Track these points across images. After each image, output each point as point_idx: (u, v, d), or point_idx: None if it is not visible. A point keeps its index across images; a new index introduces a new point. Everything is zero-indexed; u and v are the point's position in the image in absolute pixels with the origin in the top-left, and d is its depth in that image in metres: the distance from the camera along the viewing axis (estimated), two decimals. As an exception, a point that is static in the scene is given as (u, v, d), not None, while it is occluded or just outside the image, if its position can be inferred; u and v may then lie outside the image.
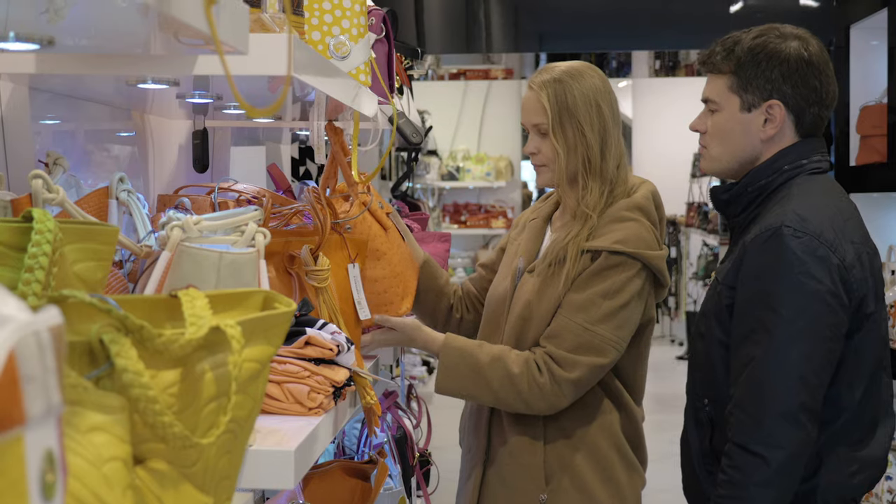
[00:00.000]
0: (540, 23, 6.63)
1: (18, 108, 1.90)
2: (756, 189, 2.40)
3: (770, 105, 2.38)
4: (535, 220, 2.83)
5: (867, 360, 2.30)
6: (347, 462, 2.70)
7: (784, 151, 2.39)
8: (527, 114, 2.66)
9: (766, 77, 2.37)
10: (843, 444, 2.30)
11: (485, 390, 2.58)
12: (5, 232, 1.00)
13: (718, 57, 2.43)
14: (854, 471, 2.30)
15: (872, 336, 2.30)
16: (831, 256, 2.23)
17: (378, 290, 2.49)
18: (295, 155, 3.96)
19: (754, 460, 2.21)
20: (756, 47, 2.38)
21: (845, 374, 2.28)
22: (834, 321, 2.23)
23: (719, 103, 2.43)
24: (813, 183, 2.38)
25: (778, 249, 2.24)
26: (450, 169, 11.61)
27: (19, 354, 0.59)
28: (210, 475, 0.95)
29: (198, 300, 0.95)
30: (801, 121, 2.40)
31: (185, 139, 2.82)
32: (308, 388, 1.76)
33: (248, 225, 1.66)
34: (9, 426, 0.57)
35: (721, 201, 2.48)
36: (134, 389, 0.82)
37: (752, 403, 2.24)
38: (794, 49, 2.36)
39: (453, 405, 3.10)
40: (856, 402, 2.30)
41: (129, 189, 1.90)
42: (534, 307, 2.61)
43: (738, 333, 2.30)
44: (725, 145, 2.44)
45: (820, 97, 2.38)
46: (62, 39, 1.46)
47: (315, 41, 2.23)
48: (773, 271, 2.25)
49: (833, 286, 2.22)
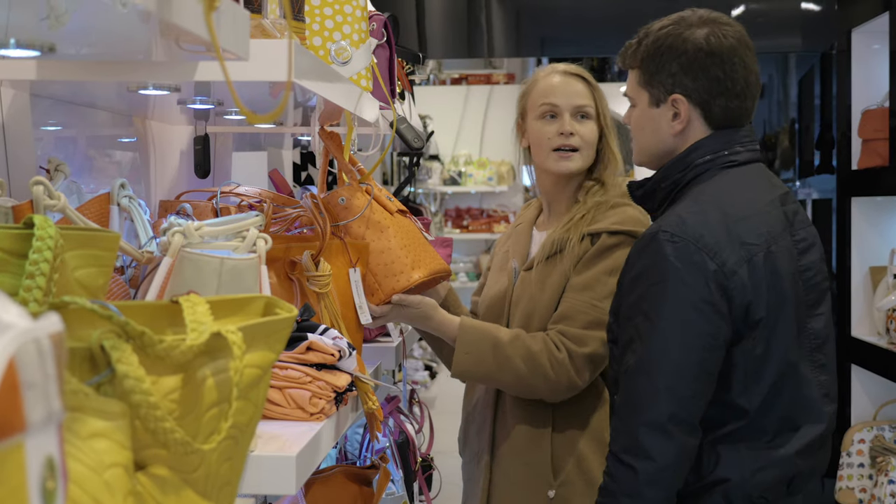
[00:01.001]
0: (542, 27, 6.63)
1: (20, 114, 1.90)
2: (669, 184, 2.32)
3: (674, 99, 2.30)
4: (521, 226, 2.91)
5: (767, 365, 2.19)
6: (349, 467, 2.69)
7: (695, 145, 2.30)
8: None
9: (667, 71, 2.30)
10: (745, 443, 2.21)
11: (506, 368, 2.59)
12: (6, 238, 1.00)
13: (629, 51, 2.39)
14: (756, 468, 2.21)
15: (770, 341, 2.19)
16: (707, 262, 2.13)
17: (385, 261, 2.47)
18: (297, 160, 3.96)
19: (625, 470, 2.15)
20: (658, 39, 2.32)
21: (738, 381, 2.19)
22: (708, 330, 2.14)
23: (634, 98, 2.39)
24: (723, 177, 2.28)
25: (653, 254, 2.17)
26: (451, 174, 11.60)
27: (20, 361, 0.59)
28: (211, 481, 0.95)
29: (199, 306, 0.95)
30: (709, 113, 2.30)
31: (187, 145, 2.83)
32: (310, 394, 1.76)
33: (250, 231, 1.66)
34: (9, 433, 0.57)
35: (636, 197, 2.43)
36: (135, 395, 0.82)
37: (626, 413, 2.18)
38: (695, 39, 2.27)
39: (456, 410, 3.10)
40: (755, 407, 2.20)
41: (131, 195, 1.91)
42: (537, 297, 2.65)
43: (621, 340, 2.25)
44: (642, 141, 2.39)
45: (725, 87, 2.27)
46: (63, 46, 1.46)
47: (316, 46, 2.23)
48: (648, 278, 2.17)
49: (708, 294, 2.13)
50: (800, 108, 7.15)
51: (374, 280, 2.46)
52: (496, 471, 2.74)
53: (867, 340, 4.83)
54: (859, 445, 4.73)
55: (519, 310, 2.70)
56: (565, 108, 2.74)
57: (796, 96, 7.21)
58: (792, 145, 7.34)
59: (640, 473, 2.13)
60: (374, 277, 2.46)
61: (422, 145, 2.93)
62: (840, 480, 4.75)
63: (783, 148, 7.68)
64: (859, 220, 5.07)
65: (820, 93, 6.38)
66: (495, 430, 2.76)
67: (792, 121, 7.40)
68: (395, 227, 2.49)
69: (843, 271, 5.14)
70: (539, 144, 2.77)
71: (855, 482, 4.71)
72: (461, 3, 6.19)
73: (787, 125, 7.56)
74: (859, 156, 4.97)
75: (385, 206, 2.51)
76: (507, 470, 2.71)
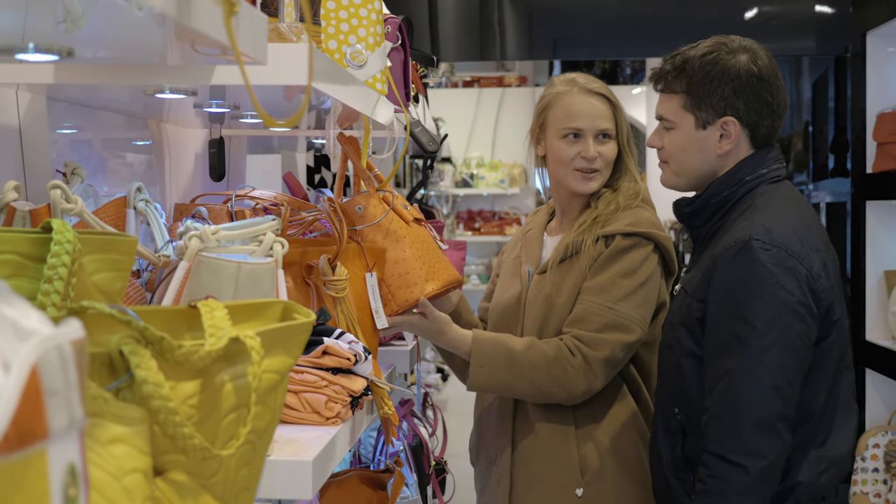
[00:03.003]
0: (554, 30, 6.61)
1: (36, 117, 1.90)
2: (719, 200, 2.44)
3: (725, 122, 2.42)
4: (531, 231, 2.91)
5: (831, 364, 2.35)
6: (363, 471, 2.69)
7: (743, 163, 2.43)
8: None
9: (719, 94, 2.41)
10: (812, 446, 2.34)
11: (521, 378, 2.60)
12: (24, 243, 1.00)
13: (670, 76, 2.48)
14: (822, 470, 2.34)
15: (838, 341, 2.35)
16: (799, 267, 2.27)
17: (399, 271, 2.47)
18: (310, 163, 3.96)
19: (734, 469, 2.25)
20: (707, 65, 2.42)
21: (813, 380, 2.32)
22: (804, 331, 2.27)
23: (674, 122, 2.48)
24: (775, 191, 2.42)
25: (748, 262, 2.27)
26: (464, 176, 11.60)
27: (42, 368, 0.58)
28: (230, 486, 0.95)
29: (217, 311, 0.94)
30: (755, 134, 2.44)
31: (202, 148, 2.83)
32: (326, 398, 1.75)
33: (267, 235, 1.65)
34: (32, 441, 0.57)
35: (685, 213, 2.53)
36: (154, 401, 0.82)
37: (730, 414, 2.28)
38: (743, 64, 2.40)
39: (467, 412, 3.09)
40: (821, 406, 2.34)
41: (147, 199, 1.90)
42: (553, 300, 2.66)
43: (711, 347, 2.34)
44: (684, 162, 2.49)
45: (772, 109, 2.43)
46: (80, 50, 1.46)
47: (331, 50, 2.23)
48: (745, 284, 2.28)
49: (803, 296, 2.26)
50: (813, 112, 7.12)
51: (388, 291, 2.47)
52: (519, 471, 2.73)
53: (881, 345, 4.81)
54: (874, 450, 4.71)
55: (533, 313, 2.70)
56: (589, 132, 2.75)
57: (810, 99, 7.18)
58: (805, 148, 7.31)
59: (752, 471, 2.24)
60: (388, 288, 2.46)
61: (436, 148, 2.93)
62: (854, 485, 4.73)
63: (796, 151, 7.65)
64: (874, 224, 5.05)
65: (834, 96, 6.35)
66: (515, 431, 2.75)
67: (805, 124, 7.38)
68: (411, 238, 2.49)
69: (857, 275, 5.12)
70: (560, 162, 2.78)
71: (869, 487, 4.69)
72: (473, 6, 6.18)
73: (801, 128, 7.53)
74: (874, 159, 4.96)
75: (402, 215, 2.51)
76: (533, 469, 2.71)
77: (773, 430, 2.24)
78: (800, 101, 7.56)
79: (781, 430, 2.25)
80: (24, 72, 1.65)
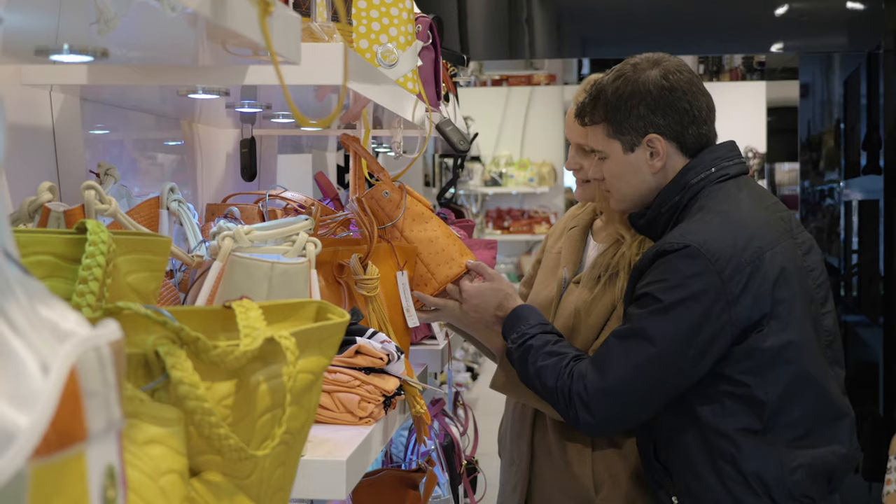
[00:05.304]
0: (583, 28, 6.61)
1: (70, 118, 1.91)
2: (669, 208, 2.43)
3: (649, 139, 2.42)
4: (574, 229, 2.83)
5: (780, 358, 2.28)
6: (396, 471, 2.69)
7: (687, 167, 2.42)
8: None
9: (636, 114, 2.41)
10: (776, 441, 2.29)
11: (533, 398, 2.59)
12: (59, 244, 1.00)
13: (588, 108, 2.49)
14: (793, 467, 2.28)
15: (782, 335, 2.28)
16: (710, 266, 2.25)
17: (436, 249, 2.47)
18: (340, 163, 3.97)
19: (580, 384, 2.33)
20: (618, 89, 2.42)
21: (754, 374, 2.28)
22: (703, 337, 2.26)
23: (604, 151, 2.49)
24: (720, 191, 2.39)
25: (664, 267, 2.28)
26: (493, 175, 11.59)
27: (81, 370, 0.58)
28: (265, 487, 0.95)
29: (252, 311, 0.94)
30: (683, 144, 2.43)
31: (233, 148, 2.83)
32: (358, 398, 1.75)
33: (300, 235, 1.65)
34: (71, 442, 0.57)
35: (640, 226, 2.53)
36: (189, 401, 0.82)
37: (604, 368, 2.34)
38: (653, 79, 2.39)
39: (497, 411, 3.09)
40: (773, 400, 2.28)
41: (180, 199, 1.91)
42: (582, 318, 2.61)
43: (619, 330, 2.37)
44: (623, 189, 2.49)
45: (693, 117, 2.41)
46: (113, 51, 1.46)
47: (363, 49, 2.23)
48: (658, 285, 2.29)
49: (709, 307, 2.25)
50: (845, 109, 7.07)
51: (427, 270, 2.47)
52: (535, 480, 2.72)
53: (916, 343, 4.77)
54: (907, 449, 4.67)
55: (561, 322, 2.66)
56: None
57: (842, 96, 7.13)
58: (837, 146, 7.26)
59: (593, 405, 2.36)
60: (427, 267, 2.47)
61: (467, 147, 2.92)
62: (888, 484, 4.69)
63: (828, 148, 7.60)
64: (907, 221, 5.01)
65: (866, 93, 6.31)
66: (534, 434, 2.73)
67: (837, 121, 7.33)
68: (436, 218, 2.50)
69: (890, 272, 5.08)
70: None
71: (903, 486, 4.65)
72: (502, 5, 6.18)
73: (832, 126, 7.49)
74: (907, 156, 4.92)
75: (420, 199, 2.52)
76: (548, 479, 2.69)
77: (623, 405, 2.33)
78: (831, 99, 7.51)
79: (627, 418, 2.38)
80: (58, 73, 1.65)
